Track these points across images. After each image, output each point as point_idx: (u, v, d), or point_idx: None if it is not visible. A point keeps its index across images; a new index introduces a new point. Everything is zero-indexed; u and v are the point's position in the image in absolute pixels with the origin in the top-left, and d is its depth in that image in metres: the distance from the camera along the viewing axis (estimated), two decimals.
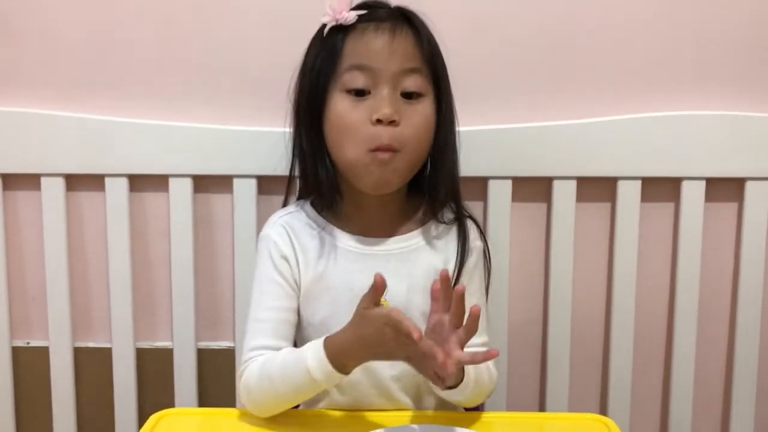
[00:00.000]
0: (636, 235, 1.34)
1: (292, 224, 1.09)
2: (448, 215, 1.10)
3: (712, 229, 1.35)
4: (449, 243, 1.10)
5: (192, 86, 1.32)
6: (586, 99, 1.32)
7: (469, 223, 1.12)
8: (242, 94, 1.32)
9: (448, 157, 1.07)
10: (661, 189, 1.35)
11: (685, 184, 1.33)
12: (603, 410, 1.40)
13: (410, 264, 1.07)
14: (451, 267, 1.07)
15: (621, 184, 1.33)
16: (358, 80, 1.00)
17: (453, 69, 1.08)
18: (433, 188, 1.07)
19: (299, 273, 1.07)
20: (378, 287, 0.89)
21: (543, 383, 1.40)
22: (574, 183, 1.33)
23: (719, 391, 1.43)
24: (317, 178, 1.05)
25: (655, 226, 1.36)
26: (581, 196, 1.33)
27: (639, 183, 1.33)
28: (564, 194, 1.33)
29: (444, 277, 0.91)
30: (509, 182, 1.32)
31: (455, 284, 1.05)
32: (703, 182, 1.33)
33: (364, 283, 1.02)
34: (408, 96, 1.01)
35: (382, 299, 1.00)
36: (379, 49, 1.00)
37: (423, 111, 1.02)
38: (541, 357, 1.40)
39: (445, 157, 1.06)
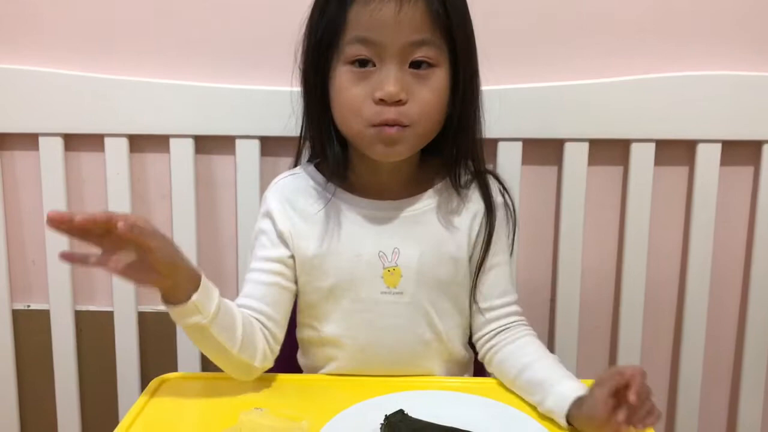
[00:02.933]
0: (649, 199, 1.31)
1: (294, 189, 1.05)
2: (466, 179, 1.05)
3: (727, 193, 1.33)
4: (468, 205, 1.05)
5: (194, 44, 1.29)
6: (599, 59, 1.29)
7: (490, 179, 1.06)
8: (245, 52, 1.29)
9: (467, 125, 1.01)
10: (676, 151, 1.32)
11: (700, 147, 1.30)
12: None
13: (422, 228, 1.02)
14: (474, 229, 1.04)
15: (634, 146, 1.30)
16: (361, 53, 0.93)
17: None
18: (449, 155, 1.02)
19: (299, 243, 1.02)
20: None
21: (551, 348, 1.38)
22: (586, 145, 1.30)
23: (730, 357, 1.42)
24: (324, 153, 1.00)
25: (668, 189, 1.34)
26: (593, 159, 1.31)
27: (653, 145, 1.30)
28: (576, 157, 1.30)
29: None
30: (519, 144, 1.30)
31: (486, 248, 1.03)
32: (719, 145, 1.30)
33: (372, 248, 1.00)
34: (417, 65, 0.94)
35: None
36: (384, 20, 0.91)
37: (433, 84, 0.95)
38: (549, 322, 1.39)
39: (462, 125, 1.00)
